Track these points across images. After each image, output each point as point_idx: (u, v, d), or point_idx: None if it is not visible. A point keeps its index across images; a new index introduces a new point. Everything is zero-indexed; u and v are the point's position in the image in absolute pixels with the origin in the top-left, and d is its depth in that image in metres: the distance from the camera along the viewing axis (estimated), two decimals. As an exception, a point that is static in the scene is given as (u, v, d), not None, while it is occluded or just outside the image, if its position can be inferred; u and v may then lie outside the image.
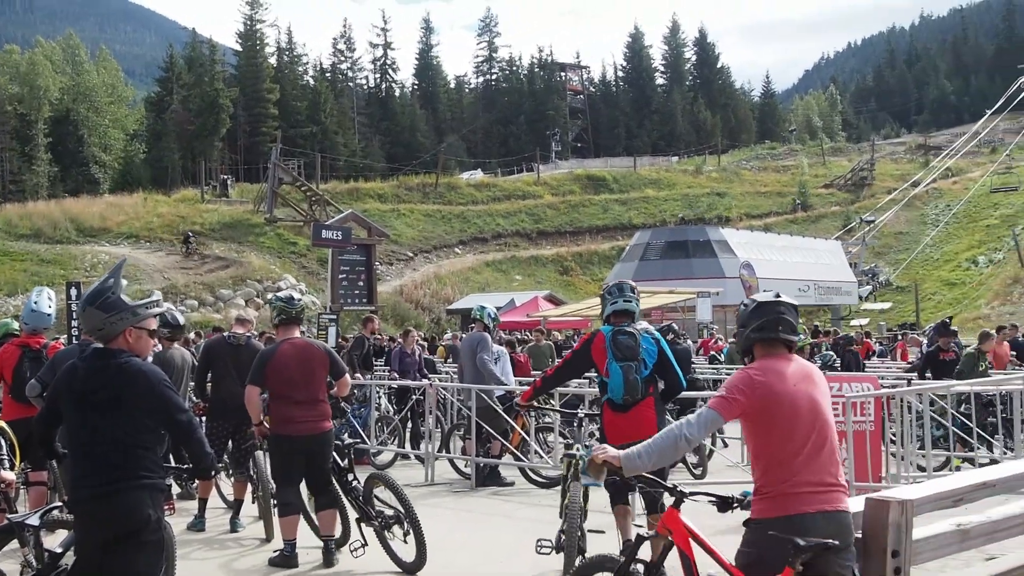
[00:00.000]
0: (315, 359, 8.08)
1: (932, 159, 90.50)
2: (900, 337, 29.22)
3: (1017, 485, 5.22)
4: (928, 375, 14.34)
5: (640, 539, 4.93)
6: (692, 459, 12.71)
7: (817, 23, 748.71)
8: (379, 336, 22.50)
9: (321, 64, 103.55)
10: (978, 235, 69.87)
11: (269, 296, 8.87)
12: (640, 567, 4.93)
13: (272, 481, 8.38)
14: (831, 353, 21.36)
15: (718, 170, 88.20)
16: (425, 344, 26.71)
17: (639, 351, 7.05)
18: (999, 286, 59.26)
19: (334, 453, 8.26)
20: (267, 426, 8.14)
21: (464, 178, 77.65)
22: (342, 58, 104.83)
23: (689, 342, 25.27)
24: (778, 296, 4.73)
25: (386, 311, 45.54)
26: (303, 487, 8.26)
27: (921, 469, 11.08)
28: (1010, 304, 55.86)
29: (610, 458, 4.67)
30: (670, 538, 4.73)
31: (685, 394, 8.46)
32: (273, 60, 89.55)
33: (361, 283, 43.28)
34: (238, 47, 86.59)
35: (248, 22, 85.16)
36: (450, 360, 25.34)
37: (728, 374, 20.02)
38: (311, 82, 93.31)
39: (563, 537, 7.03)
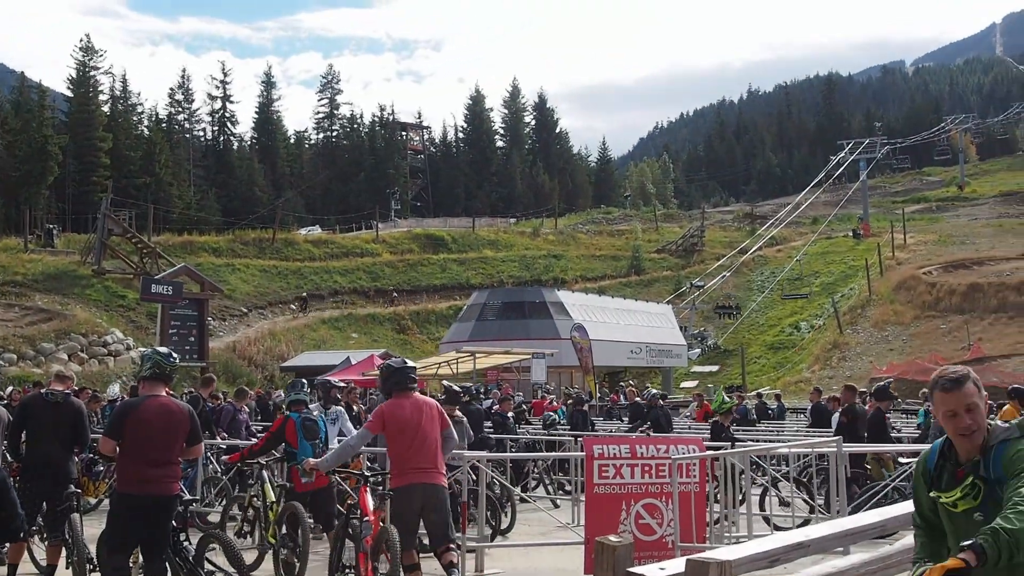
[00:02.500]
0: (178, 422, 7.75)
1: (758, 228, 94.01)
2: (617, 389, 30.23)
3: (831, 545, 5.41)
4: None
5: (351, 507, 8.70)
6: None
7: (653, 94, 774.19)
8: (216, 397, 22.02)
9: (157, 114, 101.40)
10: (800, 302, 72.76)
11: (144, 349, 8.48)
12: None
13: (105, 543, 7.96)
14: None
15: (555, 233, 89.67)
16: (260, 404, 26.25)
17: (320, 432, 10.72)
18: (819, 351, 61.75)
19: None
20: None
21: (302, 234, 76.92)
22: (179, 109, 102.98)
23: (515, 400, 25.56)
24: (405, 362, 8.77)
25: (218, 367, 44.47)
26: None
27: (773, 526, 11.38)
28: (829, 368, 58.26)
29: (313, 464, 9.06)
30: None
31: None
32: (107, 108, 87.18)
33: (192, 339, 42.24)
34: (70, 93, 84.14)
35: (81, 68, 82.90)
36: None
37: (562, 434, 20.25)
38: (146, 132, 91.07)
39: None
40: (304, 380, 11.28)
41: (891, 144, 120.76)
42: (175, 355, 8.16)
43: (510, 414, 20.17)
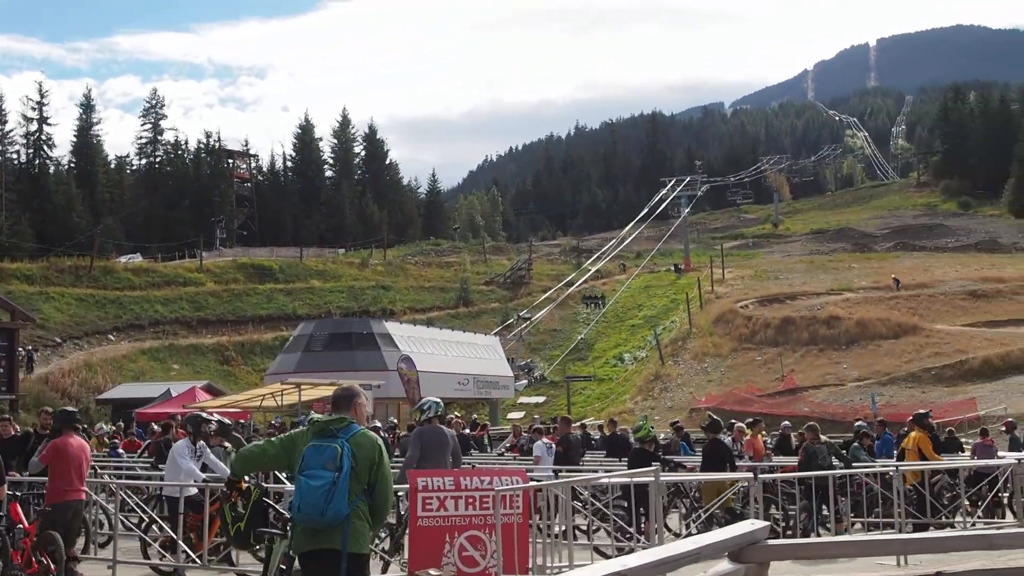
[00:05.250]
0: None
1: (584, 261, 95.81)
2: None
3: (649, 573, 5.60)
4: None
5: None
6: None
7: (478, 127, 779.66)
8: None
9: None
10: (624, 334, 74.32)
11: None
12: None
13: None
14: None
15: (384, 264, 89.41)
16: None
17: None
18: (642, 382, 63.14)
19: None
20: None
21: (122, 262, 74.57)
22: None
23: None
24: (73, 411, 11.71)
25: (29, 400, 42.67)
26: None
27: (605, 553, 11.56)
28: (651, 399, 59.65)
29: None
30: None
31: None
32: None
33: (1, 370, 40.57)
34: None
35: None
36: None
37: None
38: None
39: None
40: None
41: (711, 182, 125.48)
42: None
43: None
